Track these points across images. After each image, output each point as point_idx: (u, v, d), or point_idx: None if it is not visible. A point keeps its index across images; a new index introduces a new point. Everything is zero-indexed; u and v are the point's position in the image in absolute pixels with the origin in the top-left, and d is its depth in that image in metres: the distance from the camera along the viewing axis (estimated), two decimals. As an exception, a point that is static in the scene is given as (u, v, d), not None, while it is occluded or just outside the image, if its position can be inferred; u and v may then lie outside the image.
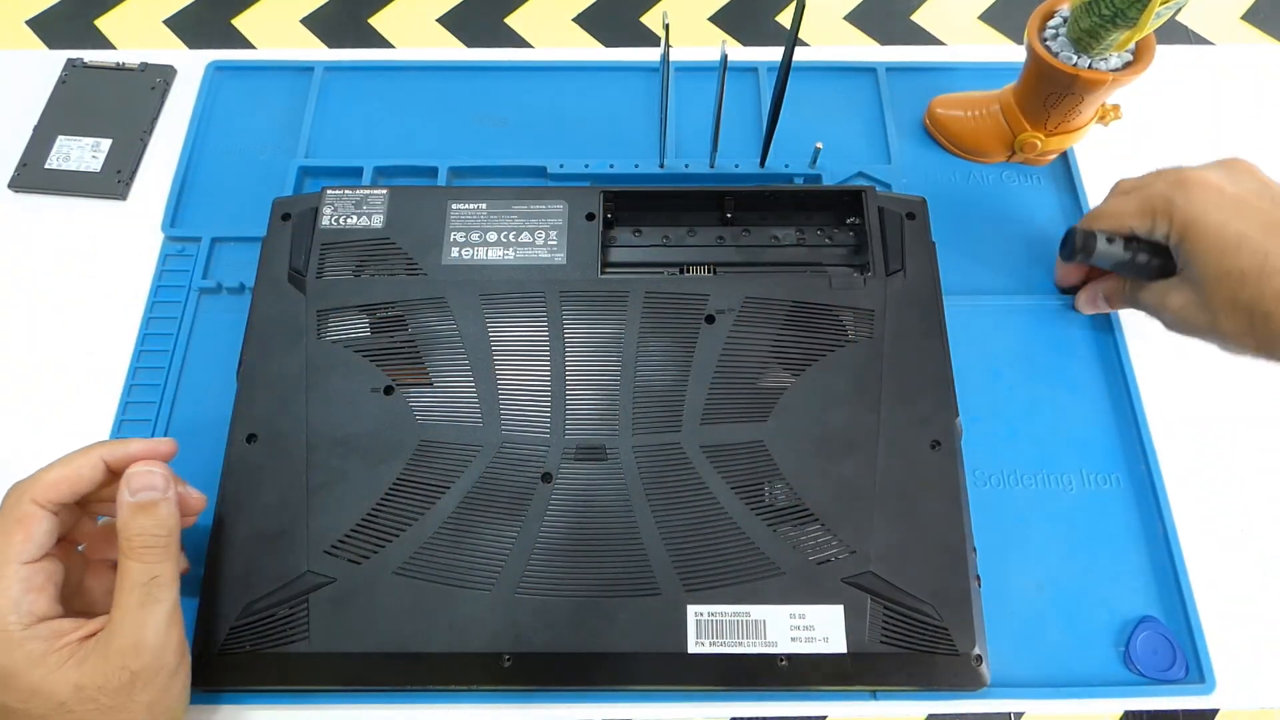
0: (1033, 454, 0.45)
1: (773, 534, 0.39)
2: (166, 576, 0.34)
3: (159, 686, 0.33)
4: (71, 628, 0.33)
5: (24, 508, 0.34)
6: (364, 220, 0.46)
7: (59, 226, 0.52)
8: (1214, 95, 0.58)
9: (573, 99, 0.57)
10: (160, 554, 0.34)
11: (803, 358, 0.43)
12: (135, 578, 0.34)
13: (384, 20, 1.41)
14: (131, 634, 0.33)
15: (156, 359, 0.48)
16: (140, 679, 0.33)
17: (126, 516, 0.34)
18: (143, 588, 0.33)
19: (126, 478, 0.35)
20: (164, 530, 0.35)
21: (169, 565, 0.35)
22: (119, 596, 0.34)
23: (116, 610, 0.33)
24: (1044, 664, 0.41)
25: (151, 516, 0.35)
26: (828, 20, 1.42)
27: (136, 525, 0.34)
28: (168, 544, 0.35)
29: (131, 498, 0.35)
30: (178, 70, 0.58)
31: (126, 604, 0.33)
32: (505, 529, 0.39)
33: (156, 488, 0.35)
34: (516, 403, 0.42)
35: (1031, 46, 0.47)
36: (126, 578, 0.34)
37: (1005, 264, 0.51)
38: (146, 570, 0.34)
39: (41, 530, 0.34)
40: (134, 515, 0.34)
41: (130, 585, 0.33)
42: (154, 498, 0.35)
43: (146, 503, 0.35)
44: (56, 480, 0.35)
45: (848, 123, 0.56)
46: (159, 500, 0.35)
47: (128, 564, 0.34)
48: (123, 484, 0.35)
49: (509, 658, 0.37)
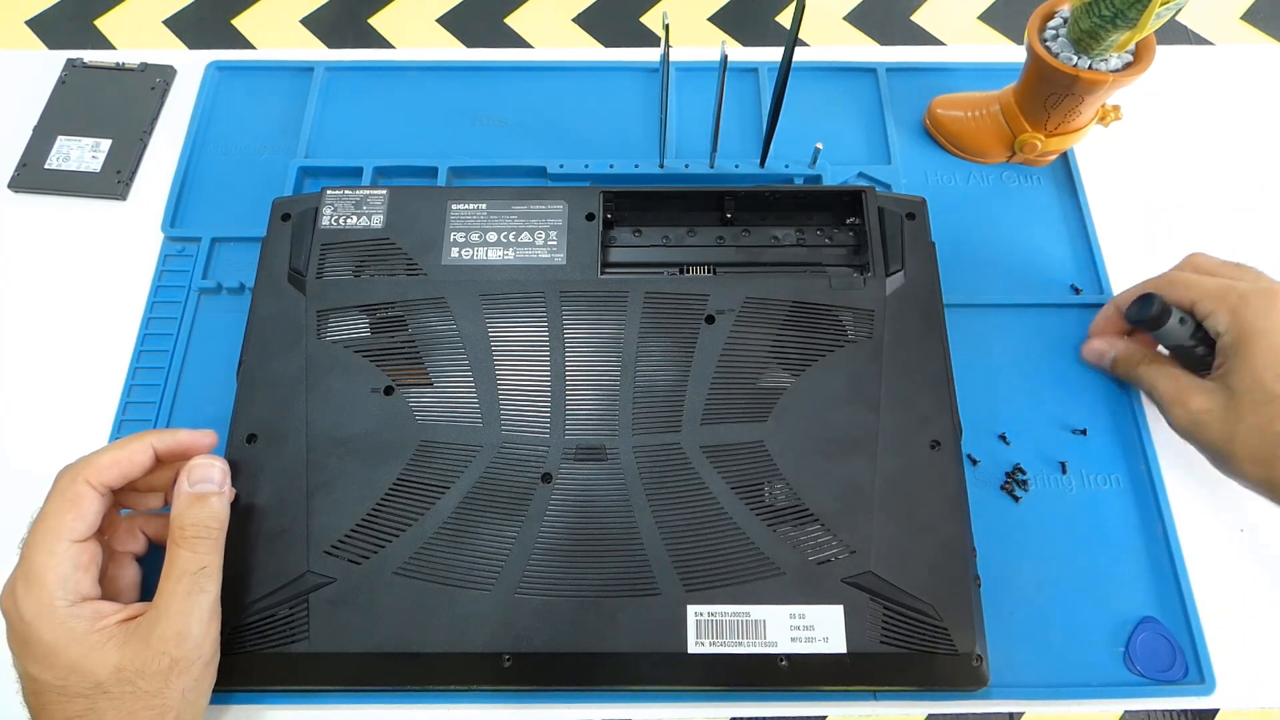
0: (1033, 454, 0.45)
1: (773, 534, 0.39)
2: (214, 568, 0.35)
3: (194, 676, 0.34)
4: (112, 610, 0.34)
5: (77, 488, 0.35)
6: (364, 220, 0.46)
7: (59, 226, 0.52)
8: (1214, 95, 0.58)
9: (573, 99, 0.57)
10: (211, 545, 0.36)
11: (803, 358, 0.43)
12: (185, 566, 0.35)
13: (384, 20, 1.41)
14: (176, 622, 0.34)
15: (156, 359, 0.48)
16: (179, 666, 0.33)
17: (183, 506, 0.36)
18: (191, 577, 0.34)
19: (188, 468, 0.37)
20: (216, 523, 0.36)
21: (217, 558, 0.36)
22: (166, 584, 0.34)
23: (162, 597, 0.34)
24: (1044, 664, 0.41)
25: (206, 508, 0.36)
26: (828, 20, 1.42)
27: (191, 515, 0.36)
28: (219, 537, 0.36)
29: (191, 488, 0.36)
30: (178, 70, 0.58)
31: (174, 591, 0.34)
32: (505, 529, 0.39)
33: (214, 480, 0.37)
34: (516, 403, 0.42)
35: (1032, 47, 0.47)
36: (176, 565, 0.35)
37: (1005, 264, 0.51)
38: (196, 560, 0.35)
39: (91, 511, 0.35)
40: (190, 505, 0.36)
41: (179, 573, 0.35)
42: (211, 490, 0.37)
43: (203, 494, 0.36)
44: (110, 463, 0.36)
45: (848, 123, 0.56)
46: (215, 493, 0.37)
47: (179, 552, 0.35)
48: (183, 474, 0.37)
49: (509, 658, 0.37)
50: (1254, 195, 0.54)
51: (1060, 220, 0.52)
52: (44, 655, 0.33)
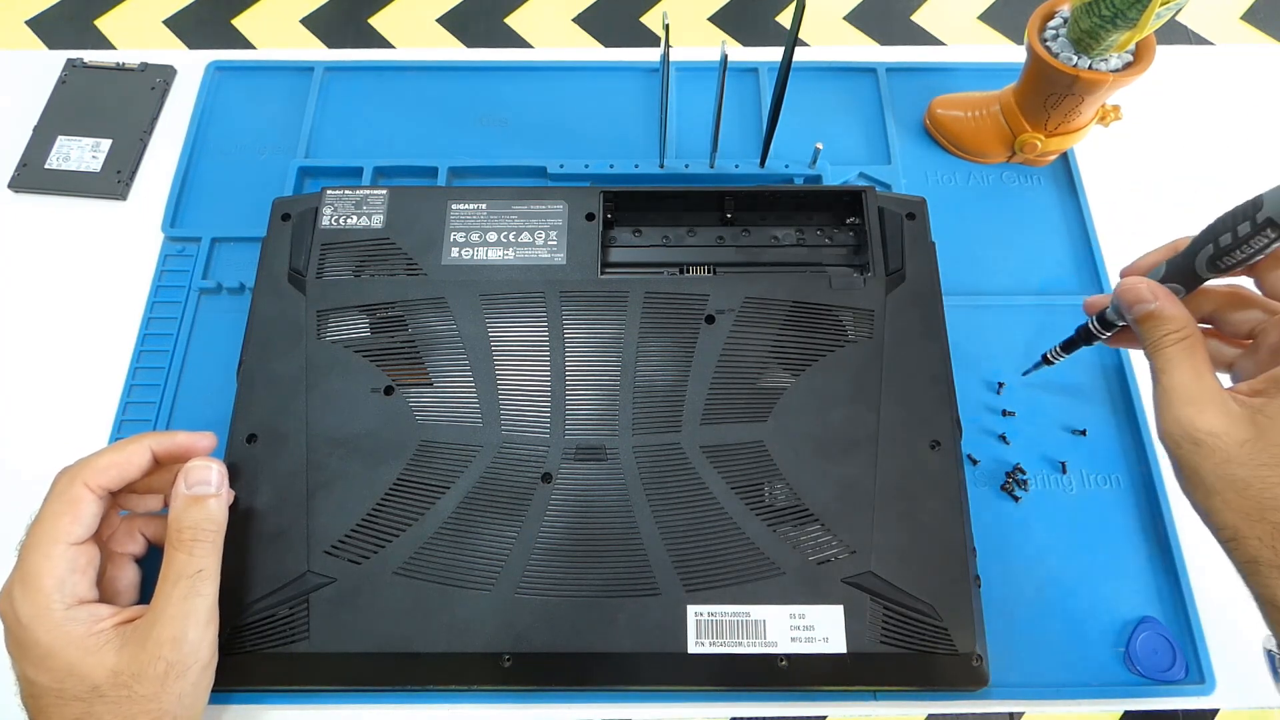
0: (1033, 454, 0.45)
1: (773, 534, 0.39)
2: (211, 571, 0.35)
3: (191, 680, 0.34)
4: (108, 613, 0.34)
5: (75, 490, 0.35)
6: (364, 220, 0.46)
7: (59, 226, 0.52)
8: (1214, 95, 0.58)
9: (573, 99, 0.57)
10: (208, 548, 0.35)
11: (803, 358, 0.43)
12: (182, 569, 0.34)
13: (384, 20, 1.41)
14: (173, 626, 0.33)
15: (156, 359, 0.48)
16: (175, 670, 0.33)
17: (180, 508, 0.36)
18: (188, 580, 0.34)
19: (186, 470, 0.37)
20: (213, 525, 0.36)
21: (214, 560, 0.36)
22: (163, 587, 0.34)
23: (159, 600, 0.34)
24: (1044, 664, 0.41)
25: (203, 510, 0.36)
26: (828, 20, 1.42)
27: (189, 517, 0.35)
28: (216, 539, 0.36)
29: (188, 490, 0.36)
30: (178, 70, 0.58)
31: (170, 595, 0.34)
32: (505, 529, 0.39)
33: (211, 483, 0.37)
34: (516, 403, 0.42)
35: (1032, 47, 0.47)
36: (173, 568, 0.34)
37: (1005, 264, 0.51)
38: (193, 563, 0.35)
39: (89, 513, 0.35)
40: (187, 507, 0.36)
41: (175, 577, 0.34)
42: (207, 492, 0.36)
43: (201, 496, 0.36)
44: (108, 465, 0.36)
45: (848, 123, 0.56)
46: (212, 495, 0.36)
47: (176, 555, 0.35)
48: (180, 476, 0.37)
49: (509, 658, 0.37)
50: (1253, 195, 0.54)
51: (1060, 220, 0.52)
52: (41, 658, 0.33)
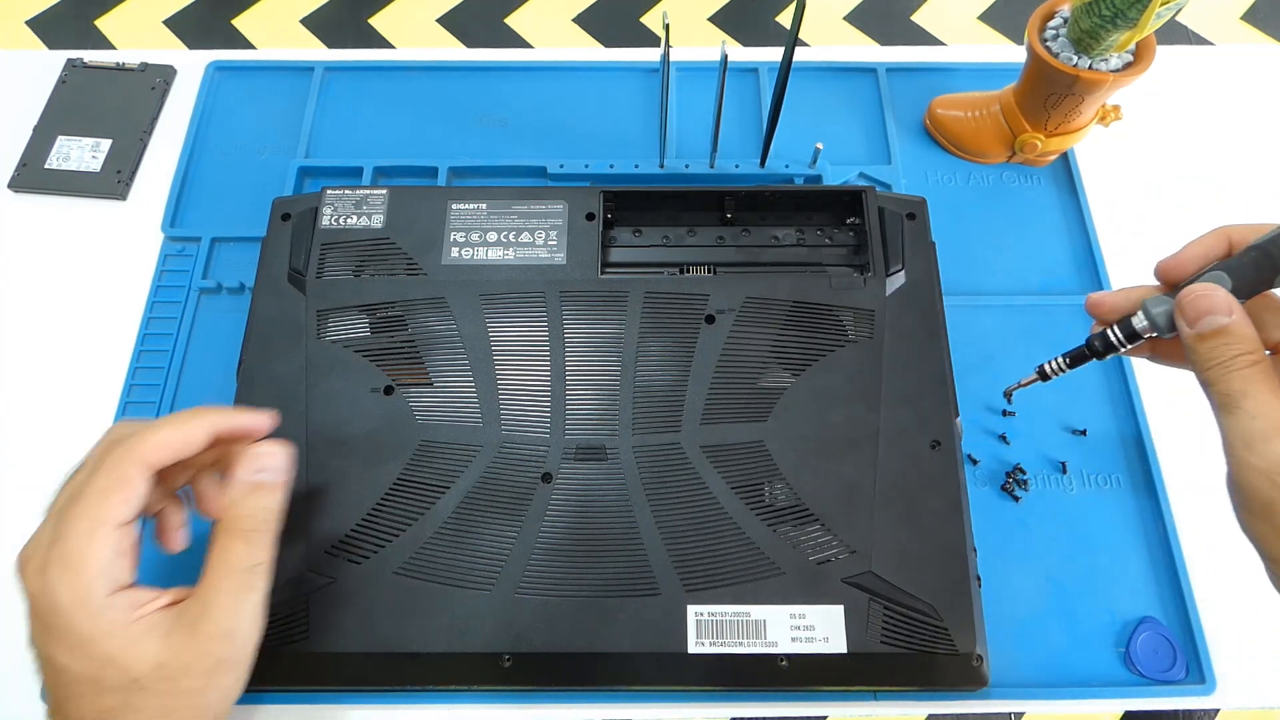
0: (1033, 454, 0.45)
1: (773, 534, 0.39)
2: (268, 564, 0.33)
3: (238, 675, 0.32)
4: (149, 597, 0.31)
5: (126, 468, 0.31)
6: (364, 220, 0.46)
7: (59, 226, 0.52)
8: (1214, 95, 0.58)
9: (573, 99, 0.57)
10: (267, 540, 0.33)
11: (803, 358, 0.43)
12: (239, 561, 0.32)
13: (384, 20, 1.41)
14: (227, 620, 0.31)
15: (156, 359, 0.48)
16: (224, 665, 0.31)
17: (241, 494, 0.33)
18: (244, 573, 0.32)
19: (252, 455, 0.34)
20: (274, 516, 0.34)
21: (271, 553, 0.33)
22: (217, 579, 0.32)
23: (210, 591, 0.31)
24: (1044, 664, 0.41)
25: (266, 498, 0.34)
26: (828, 20, 1.42)
27: (249, 505, 0.33)
28: (276, 530, 0.34)
29: (252, 476, 0.34)
30: (178, 70, 0.58)
31: (225, 588, 0.32)
32: (505, 529, 0.39)
33: (278, 470, 0.34)
34: (516, 403, 0.42)
35: (1032, 47, 0.47)
36: (229, 559, 0.32)
37: (1005, 264, 0.51)
38: (251, 555, 0.32)
39: (139, 494, 0.32)
40: (249, 494, 0.33)
41: (230, 569, 0.32)
42: (270, 479, 0.34)
43: (265, 483, 0.34)
44: (165, 442, 0.32)
45: (848, 123, 0.56)
46: (278, 484, 0.34)
47: (233, 544, 0.32)
48: (244, 460, 0.34)
49: (509, 658, 0.37)
50: (1254, 195, 0.54)
51: (1060, 220, 0.52)
52: (77, 645, 0.30)
